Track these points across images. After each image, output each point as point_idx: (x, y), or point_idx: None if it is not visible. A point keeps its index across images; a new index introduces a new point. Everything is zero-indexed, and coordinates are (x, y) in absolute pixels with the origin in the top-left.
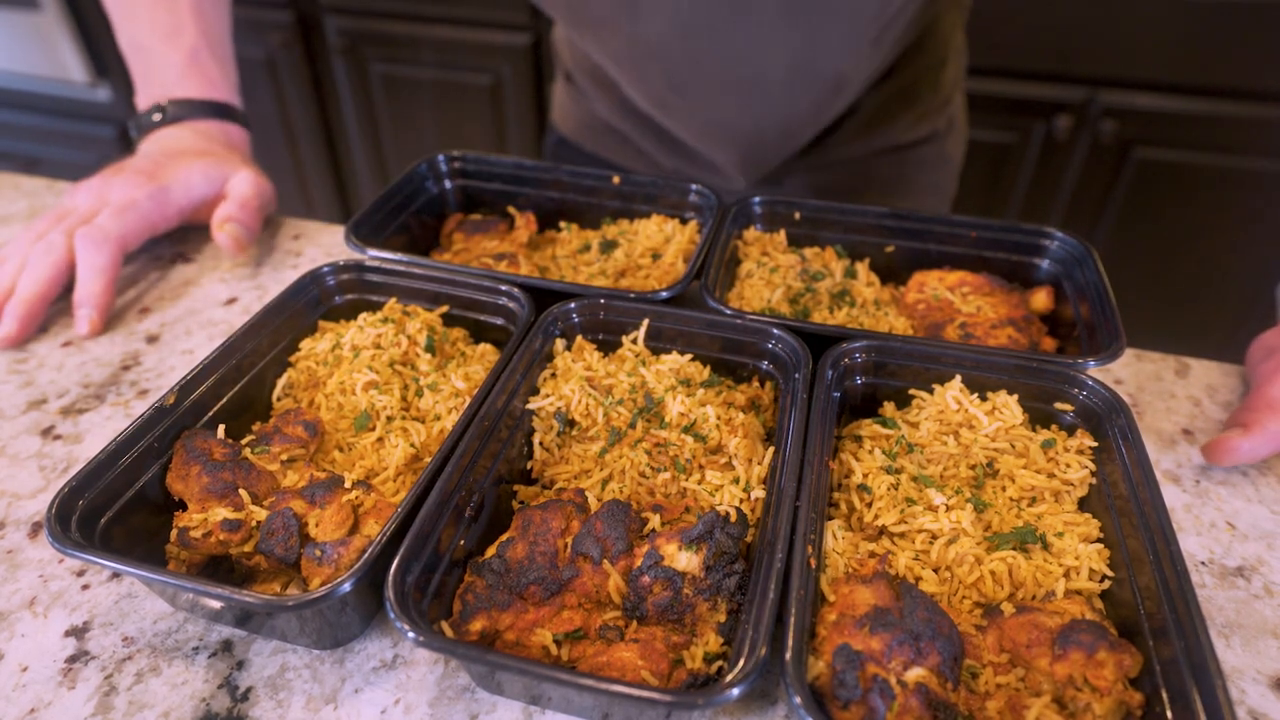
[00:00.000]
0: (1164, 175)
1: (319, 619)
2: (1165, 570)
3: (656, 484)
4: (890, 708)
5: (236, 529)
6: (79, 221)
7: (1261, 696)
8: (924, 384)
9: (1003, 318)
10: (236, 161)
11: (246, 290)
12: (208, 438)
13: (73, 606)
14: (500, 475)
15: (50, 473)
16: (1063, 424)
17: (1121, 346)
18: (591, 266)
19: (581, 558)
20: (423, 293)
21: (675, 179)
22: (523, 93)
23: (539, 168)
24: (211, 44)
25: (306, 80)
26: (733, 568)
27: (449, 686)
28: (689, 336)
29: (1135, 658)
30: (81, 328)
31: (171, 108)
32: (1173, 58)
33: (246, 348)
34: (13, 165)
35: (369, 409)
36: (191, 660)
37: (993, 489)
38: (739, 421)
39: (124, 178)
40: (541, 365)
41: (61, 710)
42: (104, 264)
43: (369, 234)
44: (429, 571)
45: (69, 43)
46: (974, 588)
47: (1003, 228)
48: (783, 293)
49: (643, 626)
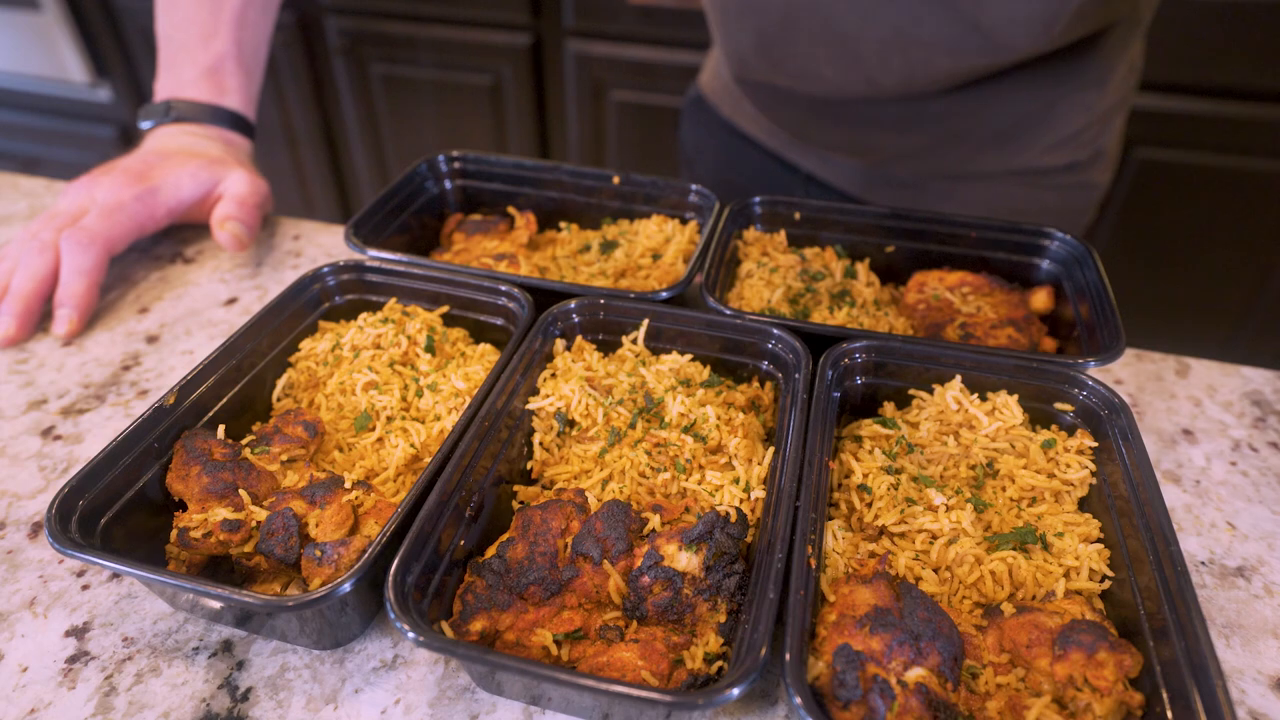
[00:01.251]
0: (1164, 175)
1: (319, 619)
2: (1165, 570)
3: (656, 484)
4: (890, 708)
5: (236, 529)
6: (68, 221)
7: (1261, 696)
8: (924, 384)
9: (1003, 318)
10: (230, 163)
11: (246, 290)
12: (208, 438)
13: (73, 607)
14: (500, 475)
15: (50, 473)
16: (1063, 424)
17: (1121, 346)
18: (591, 266)
19: (581, 558)
20: (423, 293)
21: (678, 180)
22: (523, 93)
23: (539, 168)
24: (242, 52)
25: (307, 80)
26: (733, 568)
27: (449, 687)
28: (689, 336)
29: (1135, 658)
30: (60, 328)
31: (178, 107)
32: (1173, 58)
33: (246, 348)
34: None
35: (369, 409)
36: (191, 660)
37: (993, 489)
38: (739, 421)
39: (112, 178)
40: (541, 365)
41: (61, 710)
42: (88, 265)
43: (369, 234)
44: (429, 571)
45: (69, 43)
46: (974, 588)
47: (1003, 228)
48: (783, 293)
49: (643, 627)
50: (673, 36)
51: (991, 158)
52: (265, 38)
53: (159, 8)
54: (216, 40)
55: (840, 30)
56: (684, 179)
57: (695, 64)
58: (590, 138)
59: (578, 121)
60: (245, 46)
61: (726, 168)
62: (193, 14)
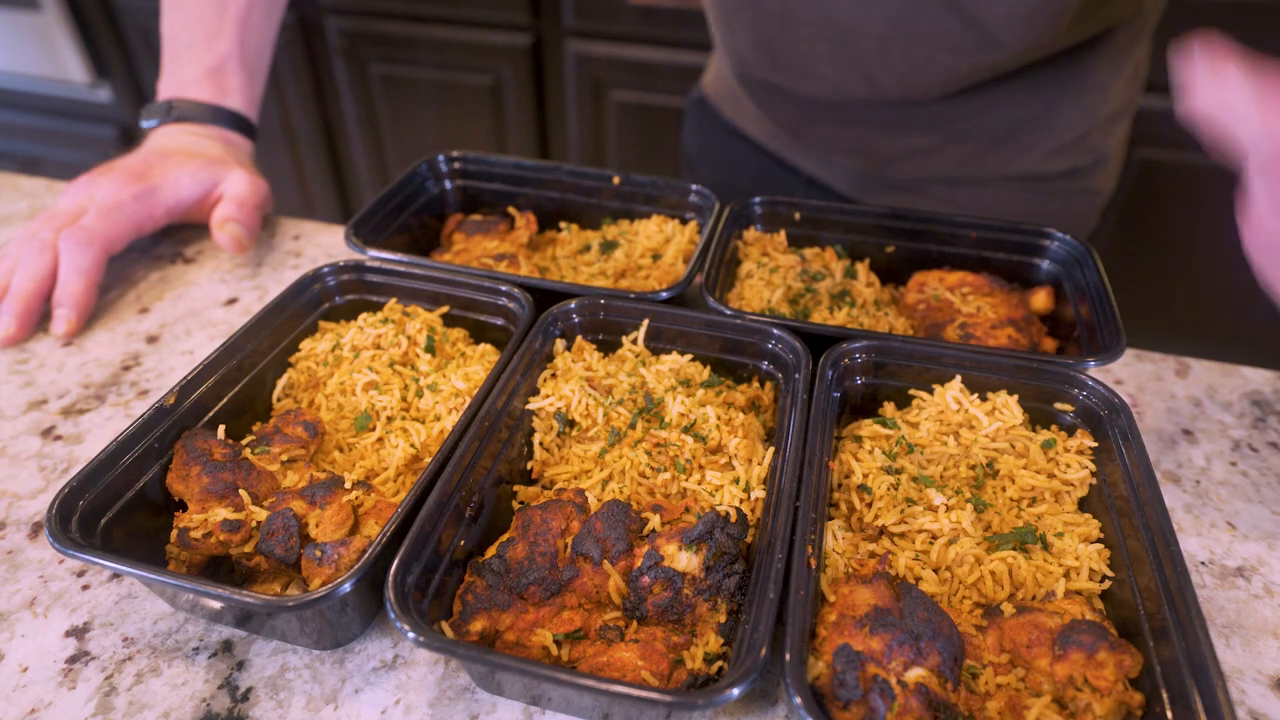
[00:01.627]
0: (1164, 175)
1: (319, 619)
2: (1165, 570)
3: (656, 484)
4: (890, 708)
5: (236, 529)
6: (67, 221)
7: (1261, 696)
8: (924, 384)
9: (1003, 318)
10: (230, 164)
11: (246, 290)
12: (208, 438)
13: (73, 607)
14: (500, 475)
15: (50, 473)
16: (1063, 424)
17: (1121, 347)
18: (591, 267)
19: (581, 558)
20: (423, 293)
21: (677, 180)
22: (523, 93)
23: (539, 168)
24: (245, 53)
25: (307, 80)
26: (733, 568)
27: (449, 687)
28: (689, 337)
29: (1135, 658)
30: (58, 327)
31: (180, 106)
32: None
33: (247, 348)
34: (13, 165)
35: (369, 409)
36: (192, 660)
37: (993, 489)
38: (739, 422)
39: (111, 178)
40: (541, 365)
41: (62, 710)
42: (86, 265)
43: (369, 234)
44: (429, 572)
45: (69, 43)
46: (974, 588)
47: (1003, 228)
48: (783, 293)
49: (643, 627)
50: (673, 36)
51: (991, 162)
52: (269, 39)
53: (164, 7)
54: (220, 41)
55: (838, 23)
56: (685, 180)
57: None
58: (590, 138)
59: (578, 122)
60: (249, 47)
61: (728, 170)
62: (197, 14)
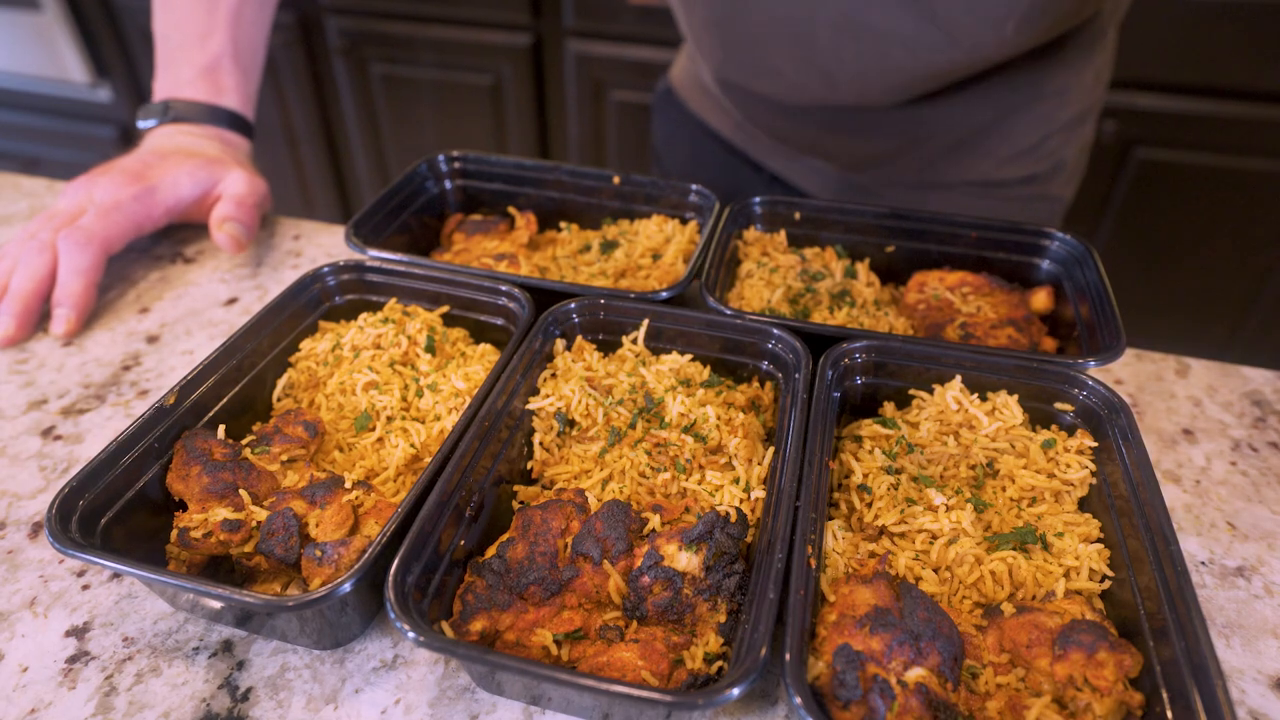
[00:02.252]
0: (1164, 175)
1: (319, 619)
2: (1165, 570)
3: (656, 484)
4: (890, 708)
5: (237, 529)
6: (66, 221)
7: (1261, 696)
8: (924, 384)
9: (1003, 318)
10: (228, 163)
11: (246, 290)
12: (208, 438)
13: (73, 607)
14: (500, 475)
15: (50, 473)
16: (1063, 424)
17: (1121, 346)
18: (591, 266)
19: (581, 558)
20: (423, 293)
21: (677, 180)
22: (523, 93)
23: (539, 168)
24: (238, 52)
25: (307, 80)
26: (733, 568)
27: (449, 687)
28: (689, 336)
29: (1135, 658)
30: (58, 327)
31: (176, 106)
32: (1173, 58)
33: (247, 348)
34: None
35: (369, 409)
36: (192, 660)
37: (993, 489)
38: (739, 421)
39: (110, 178)
40: (541, 365)
41: (62, 710)
42: (85, 265)
43: (369, 234)
44: (429, 572)
45: (69, 43)
46: (974, 588)
47: (1003, 228)
48: (783, 293)
49: (643, 627)
50: (673, 36)
51: (950, 168)
52: (263, 37)
53: (155, 7)
54: (213, 40)
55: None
56: (654, 173)
57: None
58: (590, 138)
59: (578, 121)
60: (242, 45)
61: (694, 163)
62: (189, 13)
